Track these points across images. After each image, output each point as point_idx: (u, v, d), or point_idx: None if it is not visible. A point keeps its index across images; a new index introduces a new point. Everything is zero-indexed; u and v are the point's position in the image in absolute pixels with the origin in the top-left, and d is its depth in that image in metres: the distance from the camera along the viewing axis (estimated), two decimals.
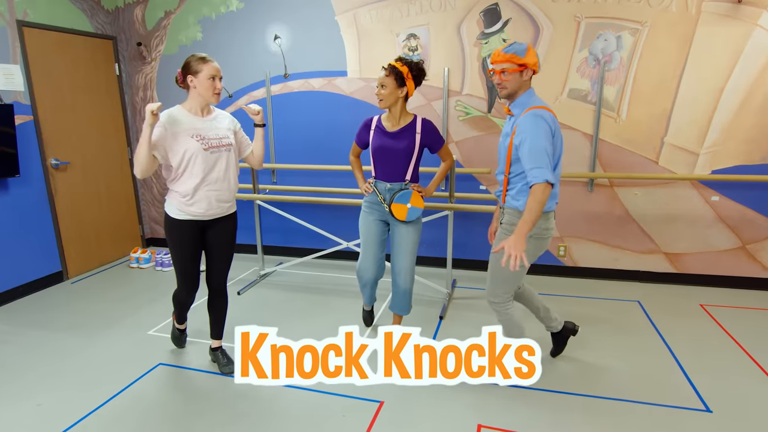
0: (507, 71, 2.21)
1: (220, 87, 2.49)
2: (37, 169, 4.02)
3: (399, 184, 2.73)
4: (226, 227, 2.67)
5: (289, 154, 4.58)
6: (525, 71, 2.23)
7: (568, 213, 4.07)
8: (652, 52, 3.64)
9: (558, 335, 2.83)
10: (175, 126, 2.41)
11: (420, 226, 2.84)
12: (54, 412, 2.46)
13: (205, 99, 2.47)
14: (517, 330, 2.54)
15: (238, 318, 3.48)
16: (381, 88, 2.63)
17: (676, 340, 3.08)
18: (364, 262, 2.90)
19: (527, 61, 2.20)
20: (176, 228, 2.53)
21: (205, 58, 2.43)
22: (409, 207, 2.71)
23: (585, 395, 2.53)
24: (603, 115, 3.82)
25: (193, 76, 2.42)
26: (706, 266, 3.90)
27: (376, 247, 2.86)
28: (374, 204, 2.82)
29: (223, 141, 2.53)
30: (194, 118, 2.48)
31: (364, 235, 2.88)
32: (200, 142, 2.44)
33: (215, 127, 2.53)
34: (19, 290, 3.90)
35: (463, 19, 3.93)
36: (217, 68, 2.46)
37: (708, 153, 3.70)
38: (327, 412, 2.43)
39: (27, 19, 3.89)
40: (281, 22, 4.32)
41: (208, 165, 2.47)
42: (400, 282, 2.86)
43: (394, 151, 2.69)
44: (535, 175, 2.13)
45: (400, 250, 2.81)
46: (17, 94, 3.84)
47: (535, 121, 2.16)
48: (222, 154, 2.52)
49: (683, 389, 2.57)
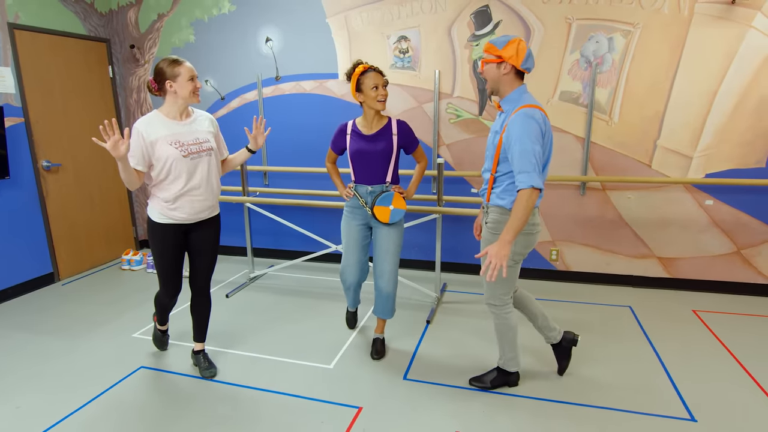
0: (484, 61, 2.19)
1: (200, 85, 2.48)
2: (28, 171, 4.03)
3: (380, 186, 2.71)
4: (209, 230, 2.65)
5: (281, 156, 4.56)
6: (503, 65, 2.16)
7: (560, 217, 4.02)
8: (644, 54, 3.59)
9: (559, 347, 2.70)
10: (152, 134, 2.37)
11: (402, 229, 2.82)
12: (32, 415, 2.45)
13: (187, 101, 2.45)
14: (511, 334, 2.48)
15: (226, 321, 3.47)
16: (384, 87, 2.60)
17: (665, 346, 3.03)
18: (347, 265, 2.89)
19: (503, 53, 2.14)
20: (159, 232, 2.51)
21: (177, 60, 2.39)
22: (392, 209, 2.68)
23: (568, 403, 2.48)
24: (595, 117, 3.78)
25: (172, 80, 2.38)
26: (699, 271, 3.84)
27: (358, 252, 2.84)
28: (356, 208, 2.80)
29: (203, 146, 2.49)
30: (172, 123, 2.44)
31: (346, 239, 2.86)
32: (179, 149, 2.40)
33: (194, 130, 2.50)
34: (9, 292, 3.91)
35: (454, 21, 3.90)
36: (191, 68, 2.43)
37: (701, 156, 3.65)
38: (306, 416, 2.40)
39: (18, 21, 3.90)
40: (273, 24, 4.32)
41: (188, 172, 2.44)
42: (382, 285, 2.83)
43: (372, 154, 2.67)
44: (522, 180, 2.09)
45: (383, 253, 2.78)
46: (8, 96, 3.85)
47: (526, 122, 2.10)
48: (202, 159, 2.49)
49: (669, 397, 2.52)
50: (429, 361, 2.90)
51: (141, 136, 2.36)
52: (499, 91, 2.25)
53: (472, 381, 2.64)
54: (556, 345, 2.70)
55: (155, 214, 2.49)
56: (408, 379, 2.72)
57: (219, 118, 4.64)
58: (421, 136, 4.15)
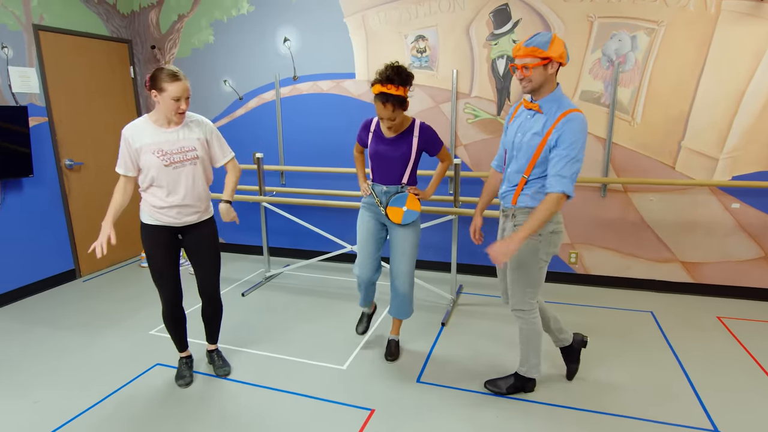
0: (529, 66, 2.03)
1: (185, 108, 2.33)
2: (51, 169, 4.11)
3: (395, 187, 2.68)
4: (203, 233, 2.57)
5: (297, 156, 4.57)
6: (550, 64, 2.04)
7: (580, 219, 3.94)
8: (668, 52, 3.50)
9: (569, 350, 2.65)
10: (137, 141, 2.33)
11: (418, 229, 2.78)
12: (49, 409, 2.49)
13: (167, 118, 2.36)
14: (537, 340, 2.43)
15: (242, 320, 3.48)
16: (390, 120, 2.48)
17: (688, 354, 2.94)
18: (360, 259, 2.84)
19: (551, 53, 2.01)
20: (149, 233, 2.48)
21: (175, 74, 2.26)
22: (405, 210, 2.65)
23: (585, 410, 2.42)
24: (617, 118, 3.69)
25: (158, 92, 2.27)
26: (724, 276, 3.72)
27: (371, 245, 2.79)
28: (372, 205, 2.78)
29: (187, 155, 2.39)
30: (158, 131, 2.36)
31: (360, 233, 2.83)
32: (161, 158, 2.34)
33: (181, 138, 2.39)
34: (32, 287, 3.99)
35: (473, 20, 3.85)
36: (184, 88, 2.28)
37: (728, 158, 3.53)
38: (318, 418, 2.39)
39: (43, 23, 3.98)
40: (291, 24, 4.32)
41: (170, 181, 2.38)
42: (398, 286, 2.80)
43: (391, 156, 2.63)
44: (557, 183, 2.05)
45: (398, 253, 2.75)
46: (32, 96, 3.93)
47: (583, 130, 2.05)
48: (185, 169, 2.40)
49: (691, 407, 2.44)
50: (443, 365, 2.86)
51: (127, 143, 2.34)
52: (541, 91, 2.12)
53: (487, 384, 2.60)
54: (566, 348, 2.65)
55: (144, 215, 2.48)
56: (421, 381, 2.69)
57: (237, 119, 4.68)
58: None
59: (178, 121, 2.39)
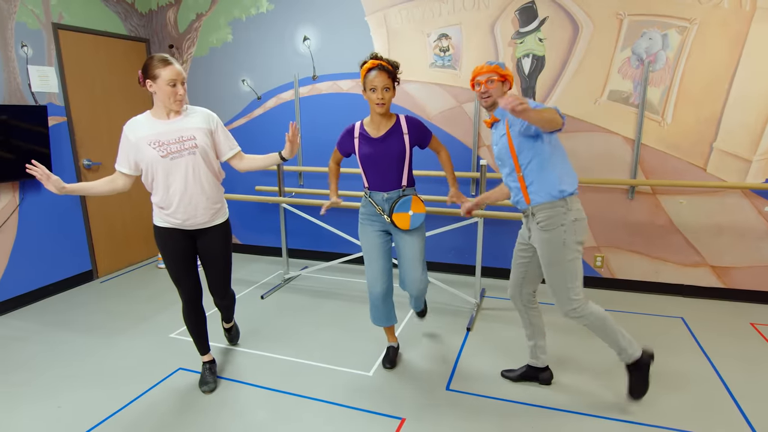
0: (493, 80, 2.31)
1: (182, 93, 2.26)
2: (70, 169, 4.08)
3: (396, 191, 2.54)
4: (215, 238, 2.51)
5: (316, 156, 4.51)
6: (506, 83, 2.35)
7: (606, 221, 3.85)
8: (701, 51, 3.40)
9: (545, 370, 2.65)
10: (135, 134, 2.28)
11: (423, 231, 2.65)
12: (73, 415, 2.44)
13: (167, 107, 2.28)
14: (609, 324, 2.33)
15: (261, 323, 3.43)
16: (384, 90, 2.37)
17: (724, 361, 2.85)
18: (372, 275, 2.67)
19: (507, 73, 2.34)
20: (161, 236, 2.44)
21: (166, 59, 2.20)
22: (411, 214, 2.54)
23: (622, 420, 2.34)
24: (646, 118, 3.60)
25: (152, 80, 2.20)
26: (757, 282, 3.61)
27: (382, 260, 2.64)
28: (372, 216, 2.62)
29: (185, 144, 2.28)
30: (156, 122, 2.29)
31: (366, 249, 2.66)
32: (157, 150, 2.26)
33: (179, 128, 2.30)
34: (50, 288, 3.96)
35: (498, 18, 3.77)
36: (177, 72, 2.21)
37: (762, 160, 3.43)
38: (348, 427, 2.33)
39: (62, 21, 3.95)
40: (310, 23, 4.27)
41: (169, 173, 2.29)
42: (413, 292, 2.72)
43: (384, 157, 2.49)
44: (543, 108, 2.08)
45: (408, 261, 2.61)
46: (51, 95, 3.90)
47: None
48: (183, 159, 2.29)
49: (732, 417, 2.35)
50: (471, 371, 2.79)
51: (127, 138, 2.29)
52: (495, 105, 2.36)
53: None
54: (542, 368, 2.65)
55: (155, 217, 2.44)
56: (451, 389, 2.62)
57: (255, 118, 4.63)
58: (461, 137, 4.04)
59: (177, 110, 2.31)
